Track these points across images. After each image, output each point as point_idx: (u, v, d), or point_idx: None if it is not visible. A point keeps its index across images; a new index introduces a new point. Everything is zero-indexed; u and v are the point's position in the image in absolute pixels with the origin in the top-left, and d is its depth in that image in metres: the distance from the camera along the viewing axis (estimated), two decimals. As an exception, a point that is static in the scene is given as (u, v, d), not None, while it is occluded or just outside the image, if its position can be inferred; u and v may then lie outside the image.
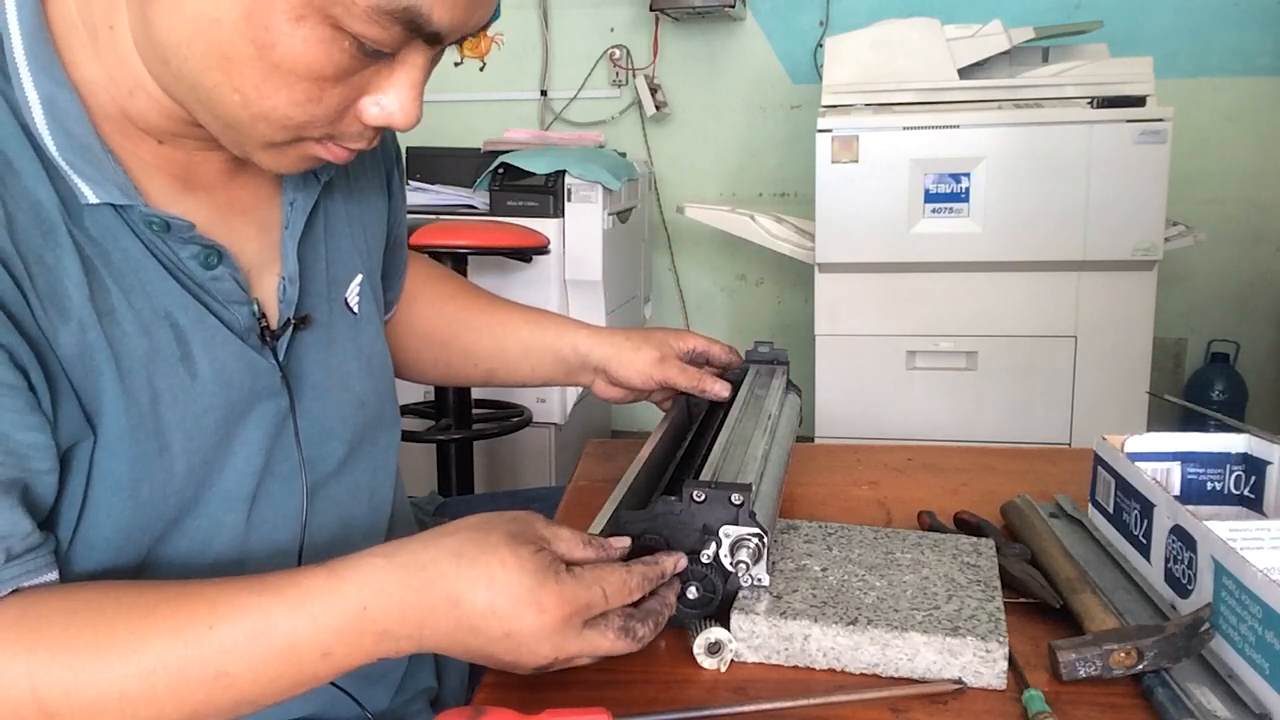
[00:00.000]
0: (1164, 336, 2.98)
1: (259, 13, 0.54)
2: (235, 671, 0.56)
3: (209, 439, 0.66)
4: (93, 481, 0.61)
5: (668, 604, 0.67)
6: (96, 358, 0.60)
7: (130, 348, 0.61)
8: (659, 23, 3.28)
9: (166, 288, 0.64)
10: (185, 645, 0.55)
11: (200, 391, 0.65)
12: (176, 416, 0.63)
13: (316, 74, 0.57)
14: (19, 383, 0.56)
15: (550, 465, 2.75)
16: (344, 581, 0.58)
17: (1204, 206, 2.96)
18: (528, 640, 0.59)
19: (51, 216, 0.59)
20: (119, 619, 0.56)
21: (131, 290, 0.62)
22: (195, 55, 0.56)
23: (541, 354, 1.01)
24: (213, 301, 0.66)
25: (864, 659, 0.66)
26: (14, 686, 0.53)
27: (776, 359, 1.10)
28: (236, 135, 0.61)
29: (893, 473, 1.05)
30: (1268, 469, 0.83)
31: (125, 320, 0.61)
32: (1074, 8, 3.03)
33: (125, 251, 0.62)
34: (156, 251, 0.63)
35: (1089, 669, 0.63)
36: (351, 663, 0.59)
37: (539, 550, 0.61)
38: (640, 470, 0.81)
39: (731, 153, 3.35)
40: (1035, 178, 2.40)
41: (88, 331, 0.59)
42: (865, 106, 2.48)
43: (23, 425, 0.56)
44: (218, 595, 0.57)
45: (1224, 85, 3.00)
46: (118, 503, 0.62)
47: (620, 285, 2.84)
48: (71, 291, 0.59)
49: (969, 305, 2.49)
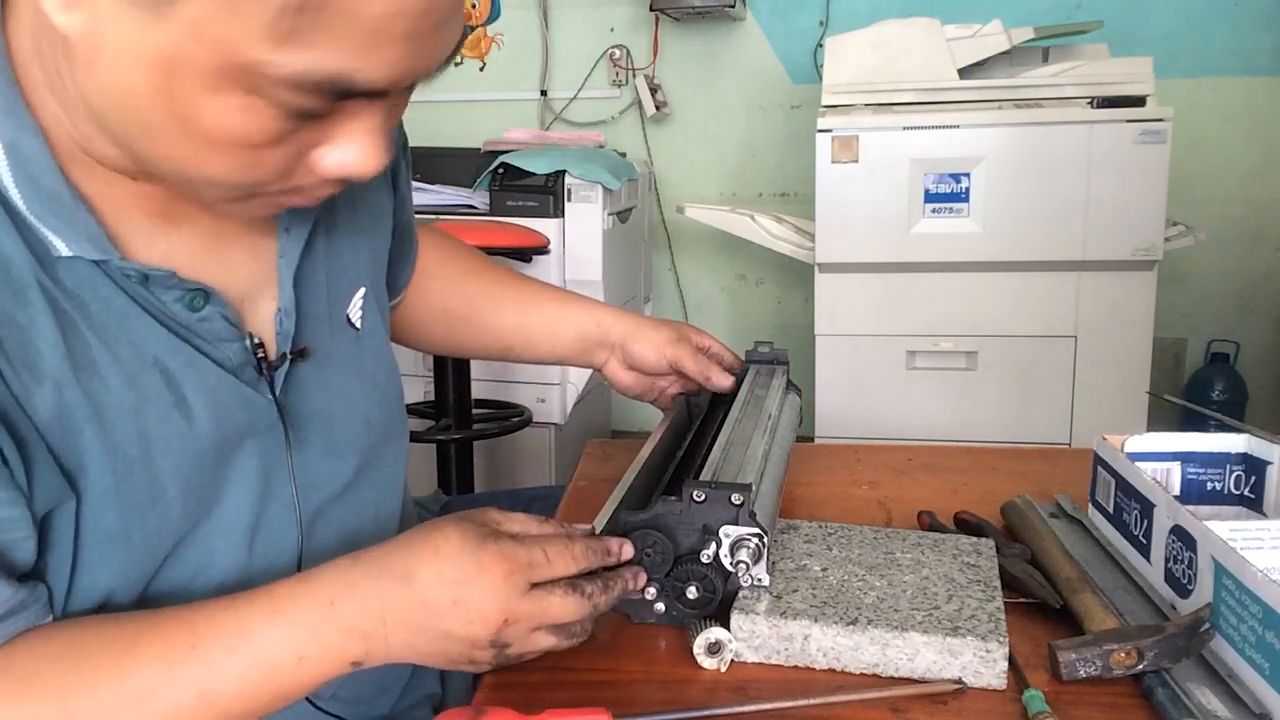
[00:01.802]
0: (1164, 336, 2.98)
1: (173, 86, 0.49)
2: (218, 688, 0.57)
3: (204, 476, 0.64)
4: (81, 536, 0.59)
5: (624, 577, 0.67)
6: (75, 416, 0.57)
7: (115, 400, 0.59)
8: (659, 23, 3.28)
9: (153, 334, 0.61)
10: (169, 668, 0.56)
11: (196, 434, 0.63)
12: (171, 462, 0.62)
13: (250, 143, 0.52)
14: None
15: (550, 465, 2.75)
16: (312, 581, 0.60)
17: (1204, 206, 2.96)
18: (475, 602, 0.59)
19: (21, 274, 0.55)
20: (103, 654, 0.57)
21: (114, 341, 0.59)
22: (121, 124, 0.53)
23: (565, 329, 1.01)
24: (202, 342, 0.64)
25: (864, 659, 0.66)
26: None
27: (776, 359, 1.10)
28: (191, 193, 0.58)
29: (893, 473, 1.05)
30: (1268, 469, 0.83)
31: (109, 373, 0.59)
32: (1074, 8, 3.03)
33: (106, 301, 0.59)
34: (138, 299, 0.60)
35: (1089, 669, 0.63)
36: (326, 667, 0.60)
37: (481, 525, 0.63)
38: (640, 470, 0.81)
39: (731, 153, 3.35)
40: (1035, 178, 2.39)
41: (64, 391, 0.57)
42: (865, 106, 2.48)
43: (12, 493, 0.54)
44: (196, 616, 0.59)
45: (1224, 85, 3.00)
46: (109, 552, 0.61)
47: (620, 285, 2.84)
48: (45, 351, 0.56)
49: (969, 305, 2.49)
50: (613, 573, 0.66)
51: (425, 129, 3.38)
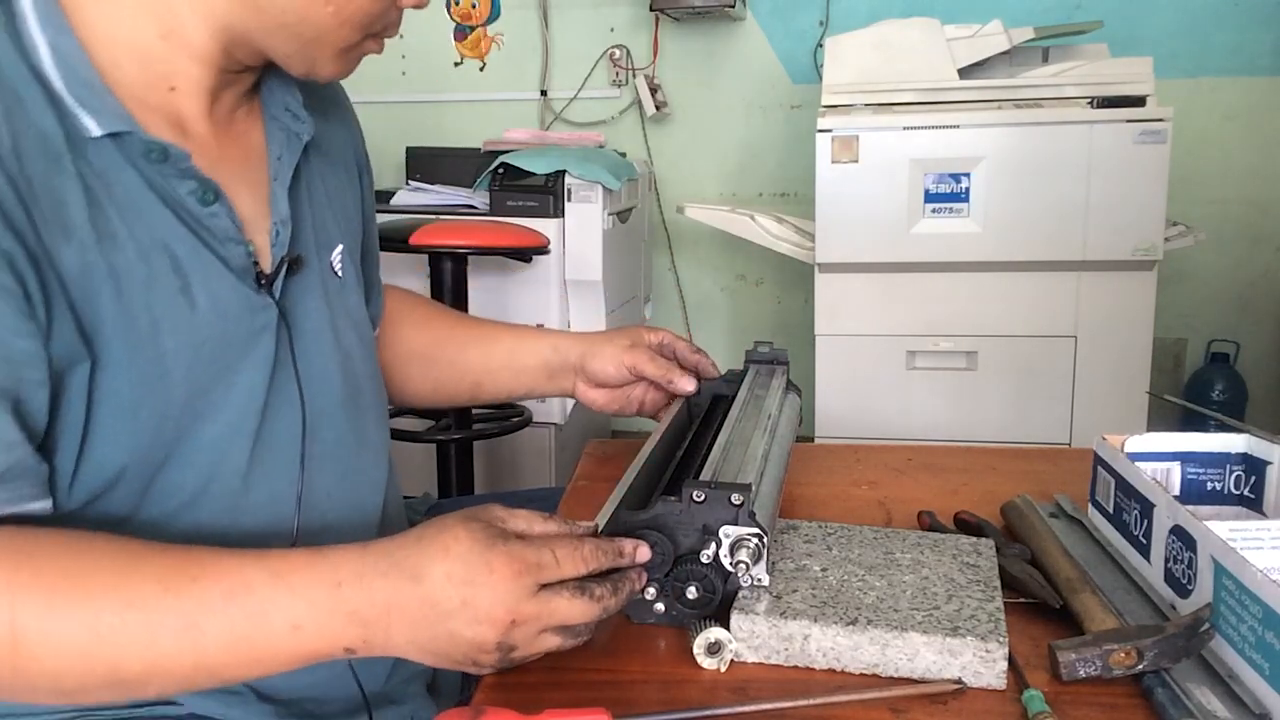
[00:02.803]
0: (1164, 336, 2.98)
1: None
2: (206, 627, 0.57)
3: (207, 370, 0.68)
4: (94, 404, 0.63)
5: (630, 579, 0.67)
6: (95, 279, 0.63)
7: (130, 272, 0.64)
8: (659, 23, 3.28)
9: (165, 221, 0.67)
10: (165, 590, 0.57)
11: (199, 323, 0.67)
12: (175, 344, 0.66)
13: None
14: (16, 289, 0.58)
15: (550, 465, 2.75)
16: (324, 559, 0.61)
17: (1204, 206, 2.96)
18: (483, 604, 0.59)
19: (56, 145, 0.62)
20: (105, 558, 0.58)
21: (132, 219, 0.65)
22: None
23: (524, 359, 1.04)
24: (210, 238, 0.69)
25: (864, 659, 0.66)
26: None
27: (776, 359, 1.10)
28: (315, 49, 0.71)
29: (893, 473, 1.05)
30: (1268, 469, 0.83)
31: (125, 246, 0.64)
32: (1074, 8, 3.03)
33: (126, 185, 0.65)
34: (155, 186, 0.67)
35: (1089, 669, 0.63)
36: (319, 644, 0.60)
37: (489, 525, 0.63)
38: (640, 470, 0.81)
39: (731, 153, 3.35)
40: (1035, 178, 2.39)
41: (88, 252, 0.62)
42: (865, 106, 2.48)
43: (17, 331, 0.58)
44: (203, 555, 0.60)
45: (1224, 85, 3.00)
46: (119, 424, 0.64)
47: (620, 285, 2.84)
48: (74, 215, 0.62)
49: (969, 305, 2.49)
50: (619, 574, 0.66)
51: (425, 129, 3.38)
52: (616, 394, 1.05)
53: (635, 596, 0.68)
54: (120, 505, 0.67)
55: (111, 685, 0.58)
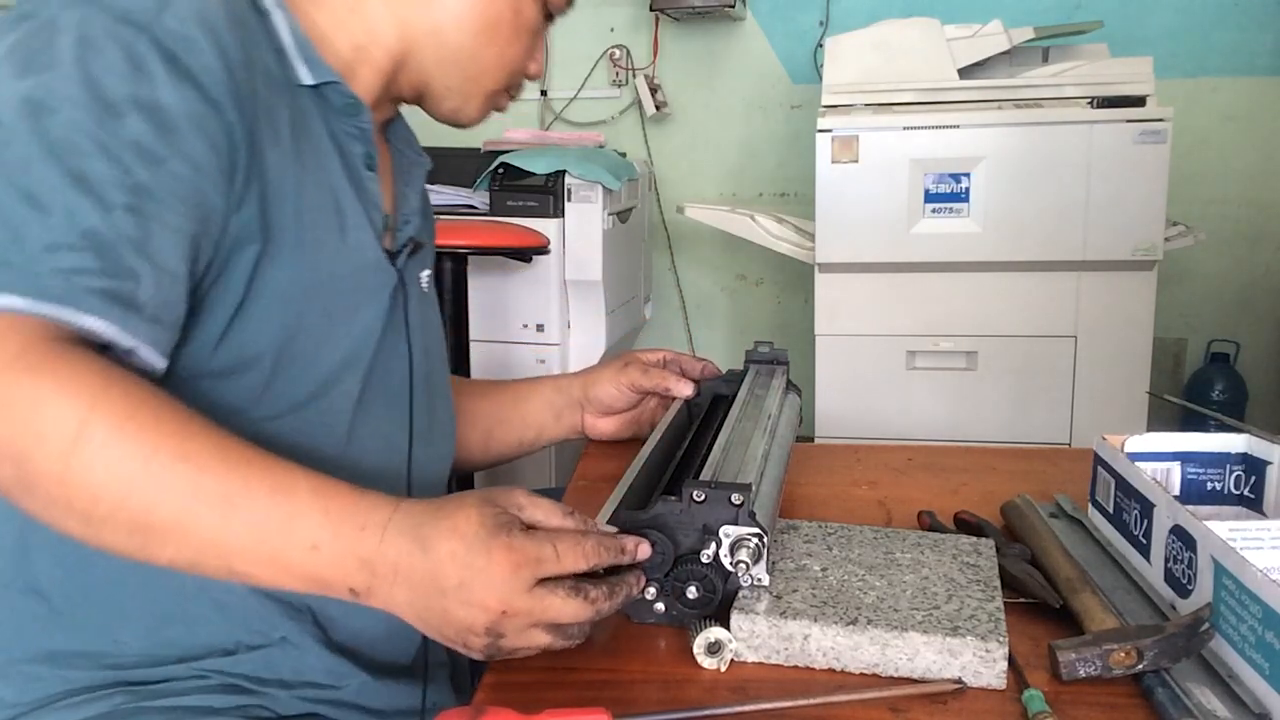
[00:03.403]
0: (1164, 336, 2.98)
1: None
2: (240, 508, 0.60)
3: (341, 298, 0.77)
4: (252, 286, 0.71)
5: (628, 583, 0.66)
6: (285, 184, 0.72)
7: (308, 194, 0.74)
8: (659, 23, 3.28)
9: (336, 170, 0.78)
10: (220, 460, 0.60)
11: (345, 255, 0.78)
12: (326, 264, 0.76)
13: (533, 30, 0.85)
14: (226, 158, 0.67)
15: (550, 465, 2.75)
16: (363, 499, 0.63)
17: (1204, 206, 2.96)
18: (477, 590, 0.60)
19: (277, 78, 0.74)
20: (183, 416, 0.61)
21: (315, 159, 0.76)
22: (470, 26, 0.82)
23: (530, 402, 1.09)
24: (363, 197, 0.80)
25: (864, 659, 0.66)
26: (72, 406, 0.57)
27: (776, 359, 1.10)
28: (473, 86, 0.85)
29: (893, 473, 1.05)
30: (1268, 469, 0.83)
31: (309, 173, 0.75)
32: (1074, 8, 3.03)
33: (315, 131, 0.77)
34: (336, 139, 0.78)
35: (1089, 669, 0.63)
36: (328, 574, 0.61)
37: (503, 512, 0.63)
38: (640, 470, 0.81)
39: (731, 153, 3.35)
40: (1035, 178, 2.39)
41: (285, 160, 0.72)
42: (865, 106, 2.48)
43: (216, 188, 0.67)
44: (267, 453, 0.63)
45: (1224, 85, 3.00)
46: (267, 313, 0.71)
47: (620, 285, 2.84)
48: (281, 128, 0.73)
49: (969, 305, 2.49)
50: (617, 577, 0.66)
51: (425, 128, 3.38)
52: (625, 419, 1.08)
53: (634, 598, 0.68)
54: (243, 394, 0.72)
55: (135, 528, 0.59)
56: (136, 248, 0.62)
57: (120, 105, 0.63)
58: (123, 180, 0.62)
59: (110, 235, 0.61)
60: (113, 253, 0.61)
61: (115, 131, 0.62)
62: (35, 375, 0.57)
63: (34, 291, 0.58)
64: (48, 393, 0.57)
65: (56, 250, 0.59)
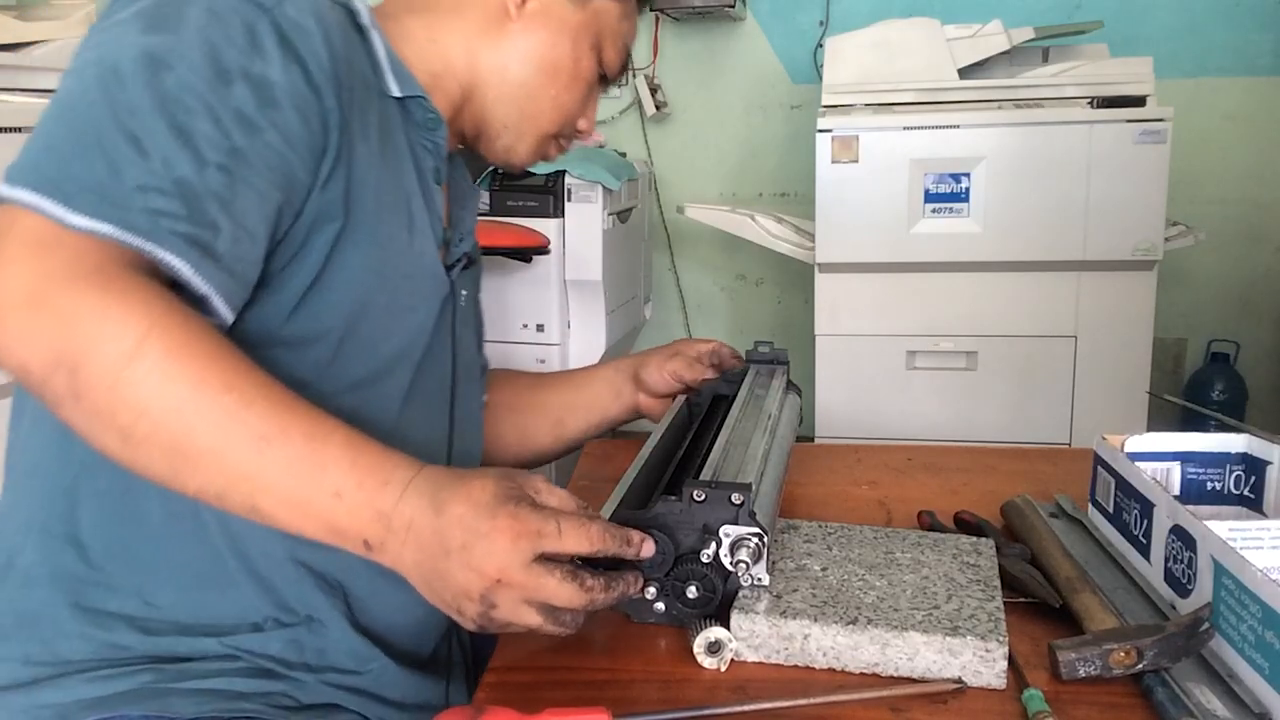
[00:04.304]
0: (1164, 336, 2.98)
1: (576, 43, 0.90)
2: (274, 446, 0.61)
3: (402, 292, 0.81)
4: (329, 261, 0.74)
5: (626, 580, 0.66)
6: (370, 176, 0.77)
7: (387, 190, 0.79)
8: (659, 23, 3.28)
9: (410, 179, 0.83)
10: (264, 398, 0.62)
11: (410, 254, 0.82)
12: (394, 257, 0.80)
13: (589, 83, 0.93)
14: (319, 141, 0.72)
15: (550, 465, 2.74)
16: (391, 456, 0.65)
17: (1204, 206, 2.96)
18: (477, 553, 0.61)
19: (371, 84, 0.80)
20: (239, 357, 0.63)
21: (396, 164, 0.81)
22: (533, 64, 0.89)
23: (593, 386, 1.14)
24: (430, 208, 0.85)
25: (864, 658, 0.66)
26: (134, 323, 0.60)
27: (776, 359, 1.10)
28: (529, 124, 0.91)
29: (893, 473, 1.05)
30: (1268, 469, 0.83)
31: (389, 173, 0.80)
32: (1074, 8, 3.03)
33: (398, 141, 0.82)
34: (414, 152, 0.84)
35: (1089, 668, 0.63)
36: (345, 523, 0.63)
37: (518, 488, 0.65)
38: (640, 470, 0.81)
39: (731, 153, 3.35)
40: (1035, 178, 2.39)
41: (372, 155, 0.77)
42: (865, 106, 2.48)
43: (304, 165, 0.71)
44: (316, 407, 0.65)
45: (1224, 85, 3.00)
46: (341, 288, 0.75)
47: (620, 285, 2.84)
48: (370, 127, 0.78)
49: (969, 305, 2.49)
50: (616, 573, 0.66)
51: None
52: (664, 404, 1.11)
53: (633, 597, 0.68)
54: (309, 366, 0.74)
55: (171, 451, 0.61)
56: (222, 204, 0.65)
57: (232, 74, 0.68)
58: (221, 142, 0.66)
59: (200, 187, 0.65)
60: (199, 203, 0.64)
61: (223, 97, 0.67)
62: (104, 291, 0.60)
63: (122, 223, 0.62)
64: (114, 308, 0.60)
65: (148, 191, 0.63)
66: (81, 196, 0.62)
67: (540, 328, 2.64)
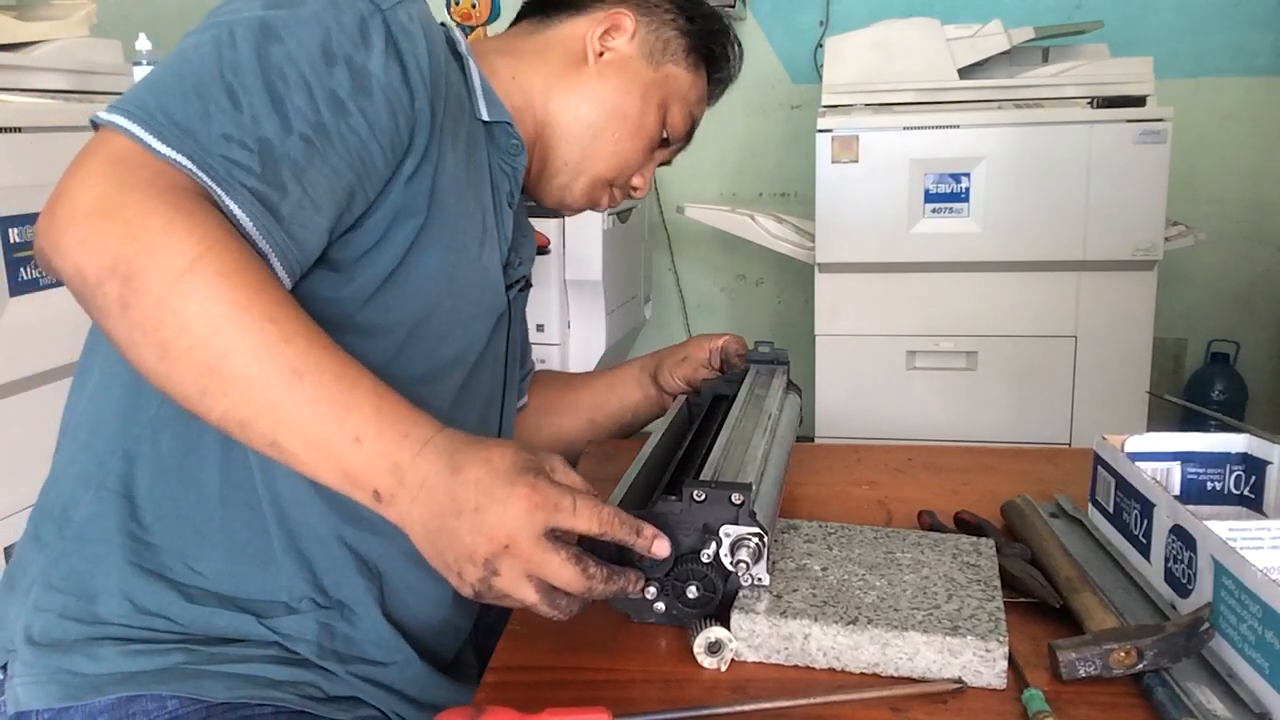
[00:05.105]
0: (1164, 336, 2.98)
1: (644, 98, 0.96)
2: (305, 382, 0.62)
3: (467, 301, 0.85)
4: (408, 255, 0.78)
5: (628, 576, 0.66)
6: (455, 183, 0.82)
7: (468, 201, 0.84)
8: (659, 23, 3.27)
9: (488, 197, 0.88)
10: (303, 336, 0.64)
11: (477, 271, 0.86)
12: (464, 266, 0.84)
13: (651, 138, 0.99)
14: (404, 136, 0.76)
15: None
16: (416, 412, 0.66)
17: (1204, 206, 2.96)
18: (490, 517, 0.61)
19: (465, 103, 0.86)
20: (288, 297, 0.65)
21: (478, 179, 0.86)
22: (603, 105, 0.95)
23: (621, 383, 1.18)
24: (500, 229, 0.90)
25: (864, 658, 0.66)
26: (192, 243, 0.62)
27: (776, 359, 1.10)
28: (587, 164, 0.97)
29: (893, 473, 1.05)
30: (1268, 469, 0.83)
31: (471, 186, 0.85)
32: (1074, 8, 3.03)
33: (481, 160, 0.88)
34: (493, 173, 0.89)
35: (1089, 668, 0.63)
36: (359, 469, 0.63)
37: (537, 461, 0.65)
38: (640, 470, 0.81)
39: (731, 153, 3.35)
40: (1035, 178, 2.39)
41: (459, 165, 0.82)
42: (865, 106, 2.48)
43: (384, 158, 0.75)
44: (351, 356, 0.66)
45: (1224, 85, 3.00)
46: (416, 281, 0.79)
47: (620, 285, 2.84)
48: (460, 141, 0.83)
49: (969, 305, 2.49)
50: (619, 568, 0.66)
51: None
52: None
53: (633, 596, 0.68)
54: (375, 356, 0.74)
55: (205, 371, 0.62)
56: (296, 171, 0.69)
57: (336, 58, 0.72)
58: (310, 115, 0.70)
59: (279, 151, 0.68)
60: (275, 165, 0.68)
61: (322, 77, 0.71)
62: (173, 209, 0.63)
63: (201, 163, 0.66)
64: (178, 224, 0.62)
65: (231, 141, 0.67)
66: (170, 130, 0.66)
67: (540, 328, 2.64)
